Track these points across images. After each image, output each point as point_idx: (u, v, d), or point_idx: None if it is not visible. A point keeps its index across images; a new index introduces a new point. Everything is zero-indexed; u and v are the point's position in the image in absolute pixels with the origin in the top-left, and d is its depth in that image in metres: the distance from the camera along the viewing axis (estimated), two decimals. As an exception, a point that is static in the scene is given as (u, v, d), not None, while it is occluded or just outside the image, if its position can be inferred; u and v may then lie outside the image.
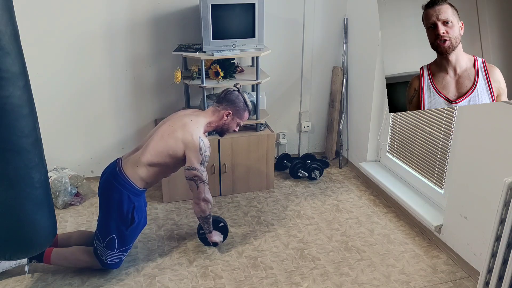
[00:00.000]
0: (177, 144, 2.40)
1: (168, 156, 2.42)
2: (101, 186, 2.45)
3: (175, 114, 2.59)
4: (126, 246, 2.46)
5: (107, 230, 2.39)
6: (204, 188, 2.47)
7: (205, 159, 2.44)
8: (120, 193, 2.37)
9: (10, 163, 1.74)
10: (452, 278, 2.49)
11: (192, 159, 2.41)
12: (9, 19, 1.64)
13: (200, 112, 2.59)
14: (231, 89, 2.60)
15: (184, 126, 2.43)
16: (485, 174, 2.33)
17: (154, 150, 2.41)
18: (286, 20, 3.54)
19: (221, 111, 2.53)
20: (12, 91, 1.67)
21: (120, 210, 2.37)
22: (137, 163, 2.41)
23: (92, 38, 3.20)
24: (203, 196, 2.48)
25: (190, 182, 2.46)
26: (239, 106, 2.54)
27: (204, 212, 2.53)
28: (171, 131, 2.42)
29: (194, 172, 2.42)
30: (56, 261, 2.45)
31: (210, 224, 2.60)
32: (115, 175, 2.40)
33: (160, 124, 2.55)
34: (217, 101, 2.57)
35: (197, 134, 2.42)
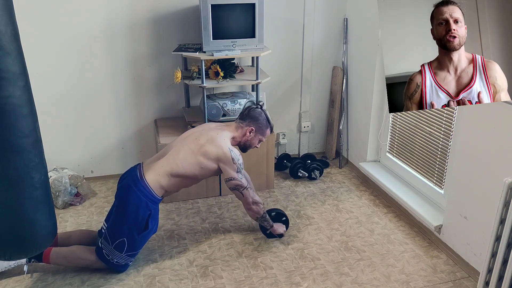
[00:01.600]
0: (209, 160, 2.48)
1: (199, 170, 2.49)
2: (120, 190, 2.46)
3: (200, 127, 2.65)
4: (134, 251, 2.48)
5: (118, 233, 2.41)
6: (249, 193, 2.56)
7: (240, 167, 2.53)
8: (138, 199, 2.39)
9: (10, 163, 1.74)
10: (452, 278, 2.49)
11: (228, 170, 2.49)
12: (9, 19, 1.64)
13: (224, 126, 2.65)
14: (253, 106, 2.67)
15: (212, 140, 2.49)
16: (485, 174, 2.33)
17: (182, 162, 2.46)
18: (286, 20, 3.54)
19: (244, 127, 2.61)
20: (12, 91, 1.67)
21: (135, 216, 2.40)
22: (159, 171, 2.44)
23: (92, 38, 3.20)
24: (251, 200, 2.58)
25: (234, 192, 2.56)
26: (262, 123, 2.62)
27: (259, 213, 2.63)
28: (200, 145, 2.48)
29: (234, 182, 2.52)
30: (56, 261, 2.45)
31: (268, 220, 2.69)
32: (135, 180, 2.42)
33: (185, 136, 2.60)
34: (240, 118, 2.65)
35: (226, 146, 2.49)
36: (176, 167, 2.45)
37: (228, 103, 3.17)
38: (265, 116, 2.64)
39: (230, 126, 2.63)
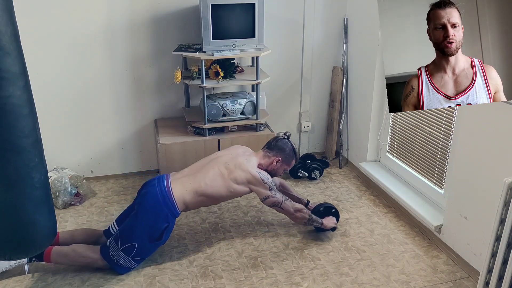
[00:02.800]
0: (240, 184, 2.55)
1: (228, 192, 2.55)
2: (143, 196, 2.48)
3: (228, 151, 2.72)
4: (141, 257, 2.50)
5: (131, 237, 2.42)
6: (288, 205, 2.63)
7: (271, 185, 2.60)
8: (161, 209, 2.43)
9: (10, 163, 1.74)
10: (452, 278, 2.49)
11: (261, 191, 2.58)
12: (9, 19, 1.64)
13: (252, 152, 2.74)
14: (280, 136, 2.76)
15: (239, 165, 2.56)
16: (485, 174, 2.33)
17: (211, 182, 2.52)
18: (286, 20, 3.54)
19: (271, 157, 2.68)
20: (12, 91, 1.67)
21: (153, 224, 2.43)
22: (186, 187, 2.50)
23: (92, 38, 3.20)
24: (293, 210, 2.65)
25: (274, 208, 2.64)
26: (289, 154, 2.70)
27: (304, 218, 2.69)
28: (229, 171, 2.55)
29: (270, 200, 2.60)
30: (57, 259, 2.45)
31: (316, 220, 2.74)
32: (162, 191, 2.46)
33: (214, 157, 2.66)
34: (267, 147, 2.72)
35: (253, 169, 2.57)
36: (205, 186, 2.51)
37: (228, 103, 3.17)
38: (291, 147, 2.72)
39: (257, 154, 2.71)
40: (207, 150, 3.18)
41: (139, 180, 3.59)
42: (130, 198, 3.31)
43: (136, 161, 3.63)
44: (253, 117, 3.28)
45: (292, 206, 2.65)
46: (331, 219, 2.84)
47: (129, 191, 3.42)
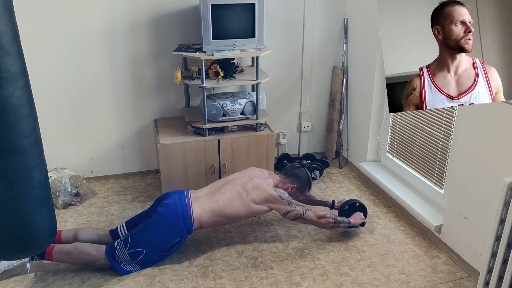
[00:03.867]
0: (259, 204, 2.60)
1: (246, 212, 2.60)
2: (163, 206, 2.51)
3: (245, 172, 2.76)
4: (146, 265, 2.53)
5: (142, 243, 2.46)
6: (310, 214, 2.66)
7: (289, 199, 2.64)
8: (178, 223, 2.48)
9: (10, 163, 1.74)
10: (452, 278, 2.49)
11: (281, 207, 2.62)
12: (9, 19, 1.64)
13: (268, 175, 2.78)
14: (297, 165, 2.82)
15: (256, 187, 2.61)
16: (485, 174, 2.33)
17: (229, 201, 2.57)
18: (286, 20, 3.54)
19: (287, 183, 2.74)
20: (12, 91, 1.67)
21: (167, 236, 2.48)
22: (205, 206, 2.56)
23: (92, 38, 3.20)
24: (316, 219, 2.67)
25: (298, 220, 2.67)
26: (304, 183, 2.77)
27: (330, 223, 2.71)
28: (247, 192, 2.60)
29: (291, 214, 2.64)
30: (59, 257, 2.45)
31: (343, 221, 2.76)
32: (183, 205, 2.52)
33: (232, 178, 2.72)
34: (284, 173, 2.79)
35: (270, 188, 2.62)
36: (223, 205, 2.56)
37: (228, 103, 3.17)
38: (307, 176, 2.78)
39: (274, 177, 2.78)
40: (207, 150, 3.18)
41: (139, 180, 3.59)
42: (130, 198, 3.31)
43: (136, 161, 3.63)
44: (253, 117, 3.28)
45: (315, 214, 2.67)
46: (358, 215, 2.85)
47: (129, 191, 3.42)
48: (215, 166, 3.24)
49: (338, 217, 2.74)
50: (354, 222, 2.80)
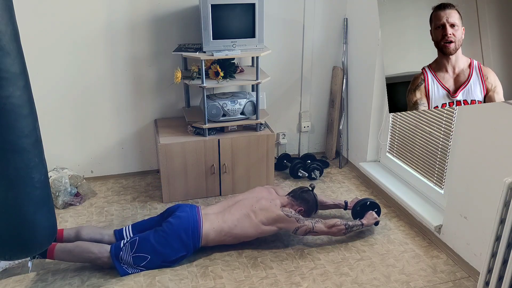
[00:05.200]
0: (268, 225, 2.63)
1: (256, 233, 2.64)
2: (177, 218, 2.54)
3: (254, 192, 2.82)
4: (147, 269, 2.53)
5: (149, 249, 2.48)
6: (320, 226, 2.67)
7: (297, 216, 2.66)
8: (187, 237, 2.53)
9: (10, 163, 1.74)
10: (452, 278, 2.49)
11: (289, 225, 2.65)
12: (9, 19, 1.64)
13: (276, 195, 2.83)
14: (305, 188, 2.86)
15: (265, 208, 2.65)
16: (485, 174, 2.33)
17: (239, 224, 2.61)
18: (286, 20, 3.54)
19: (295, 205, 2.77)
20: (12, 91, 1.67)
21: (174, 248, 2.52)
22: (214, 225, 2.59)
23: (92, 38, 3.20)
24: (327, 230, 2.69)
25: (309, 234, 2.69)
26: (311, 206, 2.81)
27: (342, 230, 2.71)
28: (255, 214, 2.64)
29: (301, 230, 2.66)
30: (60, 256, 2.45)
31: (355, 225, 2.76)
32: (195, 222, 2.57)
33: (241, 198, 2.76)
34: (293, 195, 2.83)
35: (277, 209, 2.66)
36: (233, 226, 2.60)
37: (228, 103, 3.17)
38: (314, 199, 2.82)
39: (282, 198, 2.80)
40: (207, 150, 3.18)
41: (139, 180, 3.59)
42: (130, 198, 3.31)
43: (136, 161, 3.63)
44: (253, 117, 3.28)
45: (325, 225, 2.68)
46: (371, 215, 2.85)
47: (129, 191, 3.42)
48: (215, 166, 3.24)
49: (349, 222, 2.74)
50: (367, 223, 2.81)
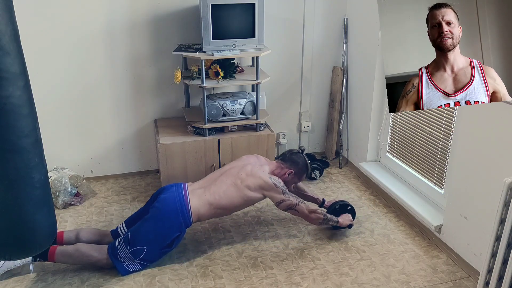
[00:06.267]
0: (254, 191, 2.58)
1: (242, 203, 2.59)
2: (162, 202, 2.50)
3: (240, 160, 2.74)
4: (148, 262, 2.52)
5: (142, 240, 2.44)
6: (303, 207, 2.65)
7: (284, 189, 2.61)
8: (176, 217, 2.46)
9: (10, 163, 1.74)
10: (452, 278, 2.49)
11: (274, 195, 2.60)
12: (9, 19, 1.64)
13: (264, 161, 2.76)
14: (295, 150, 2.80)
15: (251, 173, 2.60)
16: (485, 174, 2.33)
17: (225, 194, 2.55)
18: (286, 20, 3.54)
19: (284, 168, 2.71)
20: (12, 91, 1.67)
21: (166, 231, 2.46)
22: (202, 199, 2.54)
23: (92, 38, 3.20)
24: (307, 212, 2.66)
25: (289, 211, 2.65)
26: (302, 169, 2.74)
27: (320, 219, 2.70)
28: (241, 180, 2.58)
29: (284, 204, 2.61)
30: (61, 259, 2.45)
31: (332, 219, 2.76)
32: (181, 199, 2.50)
33: (228, 168, 2.70)
34: (282, 159, 2.76)
35: (265, 175, 2.60)
36: (219, 198, 2.55)
37: (228, 103, 3.17)
38: (305, 161, 2.75)
39: (271, 163, 2.75)
40: (207, 150, 3.18)
41: (139, 180, 3.59)
42: (130, 198, 3.31)
43: (136, 161, 3.63)
44: (253, 117, 3.28)
45: (307, 207, 2.67)
46: (347, 216, 2.86)
47: (129, 191, 3.42)
48: (215, 166, 3.24)
49: (328, 215, 2.74)
50: (342, 222, 2.80)
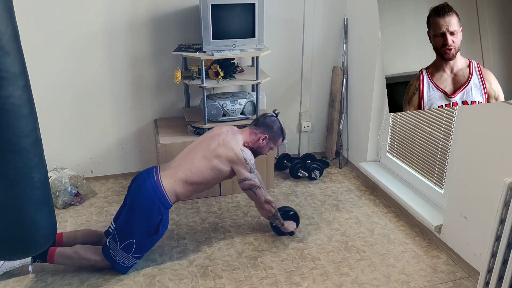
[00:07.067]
0: (222, 162, 2.50)
1: (213, 175, 2.51)
2: (134, 190, 2.47)
3: (211, 132, 2.66)
4: (141, 253, 2.49)
5: (128, 234, 2.42)
6: (262, 192, 2.59)
7: (252, 167, 2.55)
8: (153, 203, 2.41)
9: (10, 163, 1.74)
10: (452, 278, 2.49)
11: (241, 171, 2.52)
12: (9, 19, 1.64)
13: (236, 130, 2.67)
14: (269, 114, 2.70)
15: (223, 143, 2.52)
16: (485, 174, 2.33)
17: (195, 169, 2.48)
18: (286, 20, 3.54)
19: (258, 134, 2.63)
20: (12, 91, 1.67)
21: (147, 218, 2.42)
22: (175, 178, 2.47)
23: (92, 38, 3.20)
24: (264, 199, 2.61)
25: (247, 192, 2.58)
26: (276, 132, 2.66)
27: (271, 212, 2.65)
28: (211, 150, 2.51)
29: (248, 182, 2.54)
30: (60, 261, 2.45)
31: (280, 218, 2.72)
32: (152, 184, 2.44)
33: (198, 142, 2.62)
34: (254, 124, 2.67)
35: (237, 147, 2.52)
36: (191, 174, 2.48)
37: (228, 103, 3.17)
38: (279, 125, 2.67)
39: (243, 131, 2.67)
40: (207, 150, 3.18)
41: (139, 180, 3.59)
42: (130, 198, 3.32)
43: (136, 161, 3.63)
44: (253, 117, 3.27)
45: (265, 195, 2.60)
46: (292, 223, 2.82)
47: (129, 191, 3.42)
48: (215, 166, 3.24)
49: (279, 213, 2.70)
50: (286, 227, 2.77)
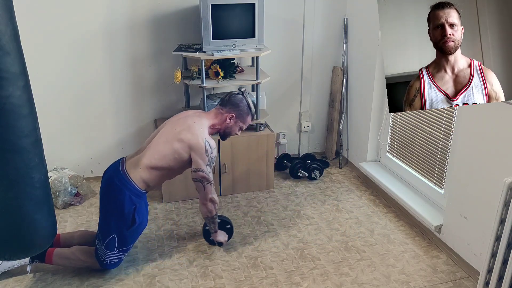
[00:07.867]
0: (183, 147, 2.39)
1: (173, 160, 2.41)
2: (103, 185, 2.44)
3: (176, 116, 2.57)
4: (126, 246, 2.46)
5: (107, 230, 2.39)
6: (211, 189, 2.47)
7: (211, 160, 2.43)
8: (122, 194, 2.36)
9: (10, 163, 1.74)
10: (452, 278, 2.49)
11: (198, 161, 2.39)
12: (9, 19, 1.64)
13: (202, 113, 2.57)
14: (235, 92, 2.57)
15: (188, 128, 2.41)
16: (485, 174, 2.33)
17: (158, 153, 2.40)
18: (286, 20, 3.54)
19: (224, 114, 2.52)
20: (12, 91, 1.67)
21: (121, 210, 2.37)
22: (139, 165, 2.40)
23: (92, 38, 3.20)
24: (210, 197, 2.49)
25: (197, 183, 2.45)
26: (243, 110, 2.53)
27: (211, 212, 2.54)
28: (175, 134, 2.41)
29: (201, 174, 2.41)
30: (58, 261, 2.45)
31: (216, 224, 2.62)
32: (118, 175, 2.39)
33: (162, 126, 2.54)
34: (220, 104, 2.55)
35: (202, 135, 2.40)
36: (154, 160, 2.39)
37: (228, 103, 3.17)
38: (246, 103, 2.53)
39: (209, 113, 2.55)
40: (207, 150, 3.18)
41: (139, 180, 3.59)
42: (130, 198, 3.31)
43: (136, 161, 3.62)
44: (253, 117, 3.27)
45: (212, 193, 2.49)
46: (224, 234, 2.71)
47: (129, 191, 3.42)
48: (215, 166, 3.24)
49: (217, 219, 2.60)
50: (217, 235, 2.66)
